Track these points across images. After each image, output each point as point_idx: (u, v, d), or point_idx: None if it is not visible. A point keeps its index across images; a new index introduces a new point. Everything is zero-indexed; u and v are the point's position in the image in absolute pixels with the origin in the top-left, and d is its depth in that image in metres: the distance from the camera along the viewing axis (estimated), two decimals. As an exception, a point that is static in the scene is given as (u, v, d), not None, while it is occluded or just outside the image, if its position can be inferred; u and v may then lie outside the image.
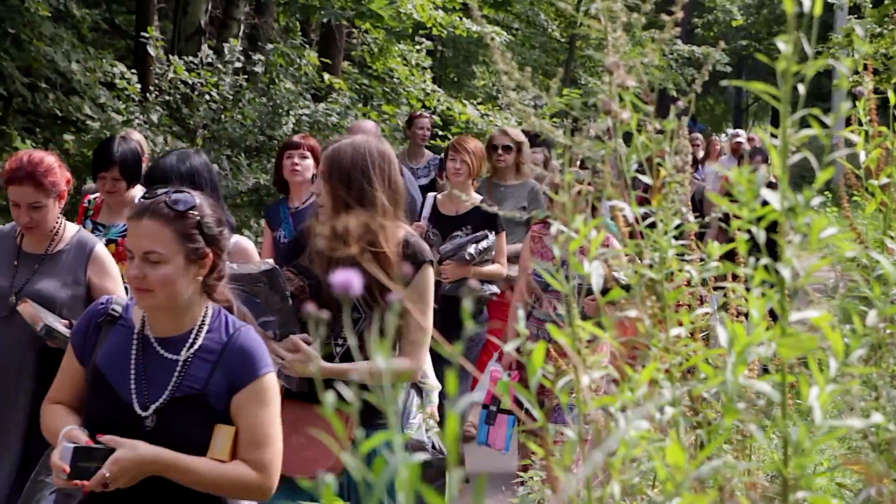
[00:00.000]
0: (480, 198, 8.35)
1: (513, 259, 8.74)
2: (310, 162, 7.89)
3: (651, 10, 2.46)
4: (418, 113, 12.01)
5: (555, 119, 20.29)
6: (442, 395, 7.45)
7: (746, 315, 2.53)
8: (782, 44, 1.81)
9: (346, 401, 1.41)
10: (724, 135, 27.76)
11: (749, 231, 2.28)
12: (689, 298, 2.28)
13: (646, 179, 2.23)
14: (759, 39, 40.14)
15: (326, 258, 4.58)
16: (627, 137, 2.33)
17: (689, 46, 30.34)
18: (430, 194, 8.73)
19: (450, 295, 7.81)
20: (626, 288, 6.31)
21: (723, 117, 52.03)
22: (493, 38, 2.26)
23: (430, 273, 4.60)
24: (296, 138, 8.15)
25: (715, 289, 2.87)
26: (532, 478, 5.00)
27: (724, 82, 2.11)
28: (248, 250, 5.71)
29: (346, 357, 4.56)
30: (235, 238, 5.46)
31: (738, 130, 21.12)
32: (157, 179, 5.22)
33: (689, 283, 2.27)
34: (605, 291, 8.31)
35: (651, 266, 2.29)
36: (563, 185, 1.99)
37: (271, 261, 5.02)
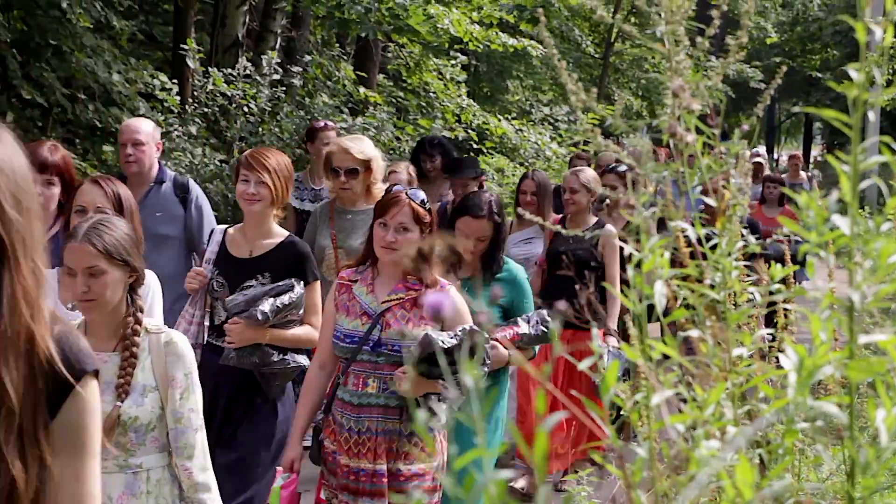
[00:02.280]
0: (280, 238, 6.15)
1: None
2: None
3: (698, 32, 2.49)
4: (322, 123, 10.08)
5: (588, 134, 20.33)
6: None
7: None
8: (854, 72, 1.85)
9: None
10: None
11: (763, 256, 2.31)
12: (749, 320, 2.30)
13: (709, 201, 2.26)
14: (792, 57, 40.08)
15: None
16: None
17: (725, 61, 30.23)
18: (219, 227, 6.38)
19: (233, 366, 5.95)
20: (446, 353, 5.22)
21: (755, 134, 51.94)
22: (560, 59, 2.29)
23: (91, 393, 2.44)
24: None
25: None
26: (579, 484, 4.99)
27: (796, 108, 2.14)
28: None
29: None
30: None
31: (757, 150, 20.68)
32: None
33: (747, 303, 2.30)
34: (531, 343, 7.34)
35: (713, 287, 2.32)
36: (637, 205, 2.02)
37: None
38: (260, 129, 12.70)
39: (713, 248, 2.35)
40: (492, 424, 6.12)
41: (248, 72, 12.54)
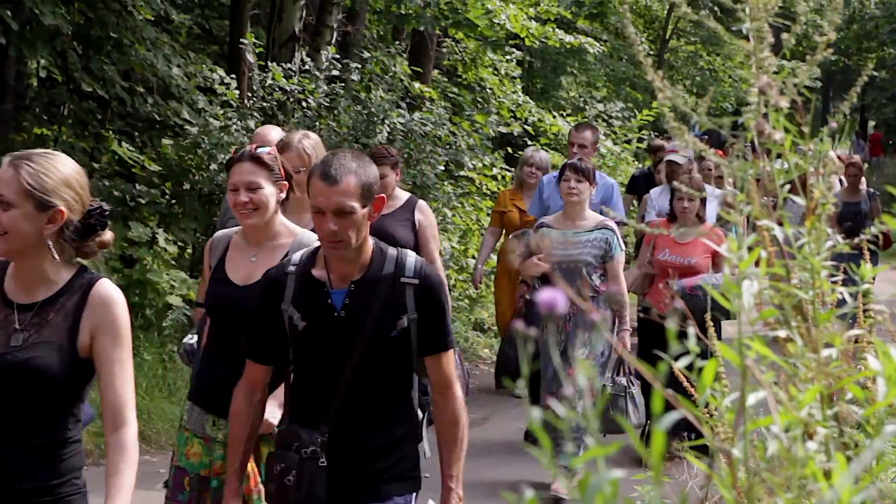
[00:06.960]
0: None
1: None
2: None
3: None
4: None
5: (642, 132, 20.26)
6: None
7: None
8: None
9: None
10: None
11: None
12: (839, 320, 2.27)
13: (799, 200, 2.23)
14: (848, 55, 39.65)
15: None
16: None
17: (778, 60, 30.08)
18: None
19: None
20: None
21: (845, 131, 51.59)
22: (645, 56, 2.28)
23: None
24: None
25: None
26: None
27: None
28: None
29: None
30: None
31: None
32: None
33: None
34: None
35: (800, 287, 2.29)
36: (735, 203, 2.00)
37: None
38: (317, 123, 12.69)
39: (800, 247, 2.32)
40: None
41: (306, 66, 12.54)
